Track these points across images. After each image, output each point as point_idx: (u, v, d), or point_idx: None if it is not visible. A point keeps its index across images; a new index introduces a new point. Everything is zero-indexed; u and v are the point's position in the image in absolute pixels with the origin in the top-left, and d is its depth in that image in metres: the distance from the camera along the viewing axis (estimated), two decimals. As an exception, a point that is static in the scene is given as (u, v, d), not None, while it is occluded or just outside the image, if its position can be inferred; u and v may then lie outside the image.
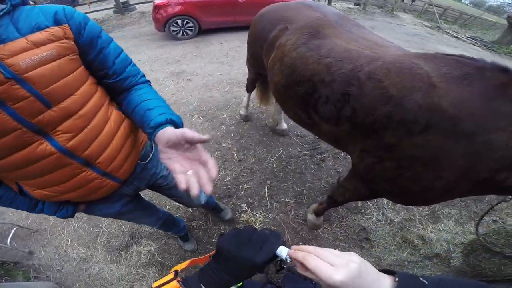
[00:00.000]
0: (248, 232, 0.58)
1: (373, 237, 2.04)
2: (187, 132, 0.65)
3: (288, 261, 0.54)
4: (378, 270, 0.47)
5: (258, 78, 2.43)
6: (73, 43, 0.72)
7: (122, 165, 0.95)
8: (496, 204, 1.19)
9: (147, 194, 2.15)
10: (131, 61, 0.91)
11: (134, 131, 1.00)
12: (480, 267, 1.51)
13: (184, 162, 0.65)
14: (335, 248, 1.75)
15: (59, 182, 0.83)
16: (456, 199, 2.35)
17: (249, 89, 2.70)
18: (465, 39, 9.32)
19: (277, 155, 2.65)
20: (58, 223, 2.13)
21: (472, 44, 8.97)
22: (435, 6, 12.27)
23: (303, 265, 0.47)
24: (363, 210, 2.21)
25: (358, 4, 10.38)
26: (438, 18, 11.47)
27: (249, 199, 2.28)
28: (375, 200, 2.28)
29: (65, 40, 0.70)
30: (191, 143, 0.66)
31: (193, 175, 0.62)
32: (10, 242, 1.95)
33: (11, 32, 0.61)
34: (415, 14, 12.07)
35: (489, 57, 7.63)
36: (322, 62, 1.25)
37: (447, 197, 1.07)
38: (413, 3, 14.53)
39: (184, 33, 5.78)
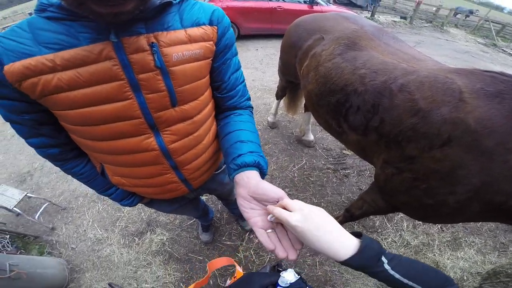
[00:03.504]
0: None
1: (385, 258, 1.92)
2: (286, 200, 0.57)
3: (287, 284, 0.55)
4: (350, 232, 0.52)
5: (288, 86, 2.45)
6: (214, 46, 0.70)
7: (201, 175, 0.95)
8: None
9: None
10: (244, 80, 0.88)
11: None
12: None
13: (265, 217, 0.60)
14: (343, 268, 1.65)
15: (142, 177, 0.82)
16: (484, 228, 2.19)
17: (279, 96, 2.72)
18: (525, 60, 8.44)
19: (299, 165, 2.63)
20: (85, 203, 2.29)
21: (533, 65, 8.09)
22: (492, 22, 11.32)
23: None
24: (380, 230, 2.12)
25: (404, 18, 9.94)
26: (494, 35, 10.56)
27: (266, 205, 2.28)
28: (395, 221, 2.17)
29: (211, 42, 0.68)
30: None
31: (275, 235, 0.57)
32: (38, 217, 2.11)
33: (176, 22, 0.61)
34: (468, 30, 11.26)
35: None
36: (357, 73, 1.26)
37: (460, 216, 1.05)
38: (467, 18, 13.55)
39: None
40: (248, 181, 0.63)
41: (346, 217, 1.71)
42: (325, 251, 0.47)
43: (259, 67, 4.71)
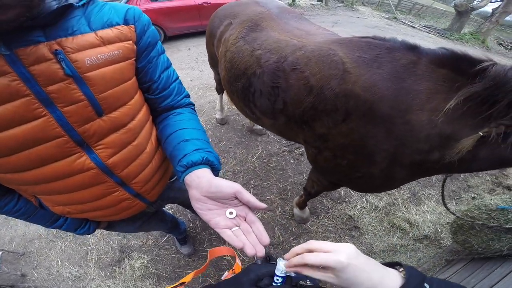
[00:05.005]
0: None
1: (361, 225, 2.12)
2: (244, 193, 0.57)
3: (284, 272, 0.50)
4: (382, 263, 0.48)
5: None
6: (135, 46, 0.67)
7: (154, 187, 0.89)
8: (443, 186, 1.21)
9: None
10: (177, 78, 0.84)
11: None
12: (470, 243, 1.52)
13: (225, 216, 0.58)
14: (325, 240, 1.77)
15: (87, 201, 0.75)
16: (433, 179, 2.49)
17: (219, 90, 2.67)
18: (421, 28, 9.92)
19: (257, 155, 2.68)
20: (44, 245, 2.06)
21: (427, 32, 9.57)
22: (389, -3, 12.94)
23: (304, 267, 0.47)
24: (347, 199, 2.29)
25: (321, 0, 10.70)
26: (394, 9, 12.11)
27: (234, 201, 2.29)
28: (357, 187, 2.36)
29: (130, 42, 0.65)
30: (243, 203, 0.59)
31: (241, 232, 0.56)
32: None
33: (82, 25, 0.56)
34: (373, 7, 12.66)
35: (443, 44, 8.21)
36: (254, 54, 1.25)
37: (395, 182, 1.06)
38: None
39: (149, 41, 5.62)
40: (199, 180, 0.60)
41: (306, 196, 1.78)
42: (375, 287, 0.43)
43: (195, 66, 4.58)
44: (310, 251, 0.47)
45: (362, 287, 0.42)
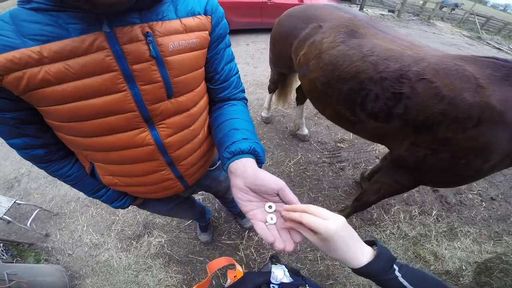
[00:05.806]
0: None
1: (384, 250, 1.96)
2: (287, 192, 0.56)
3: (279, 280, 0.54)
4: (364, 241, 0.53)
5: (281, 78, 2.43)
6: (209, 36, 0.70)
7: (196, 171, 0.93)
8: None
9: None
10: (237, 72, 0.87)
11: None
12: (490, 285, 1.51)
13: (263, 209, 0.57)
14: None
15: (136, 175, 0.80)
16: (478, 217, 2.28)
17: (271, 89, 2.70)
18: (509, 51, 8.68)
19: (295, 160, 2.62)
20: (78, 208, 2.22)
21: (516, 57, 8.32)
22: (476, 15, 11.56)
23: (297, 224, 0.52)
24: (377, 222, 2.14)
25: (392, 11, 10.03)
26: (479, 28, 10.79)
27: (263, 201, 2.28)
28: (392, 213, 2.20)
29: (206, 32, 0.68)
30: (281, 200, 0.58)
31: (275, 227, 0.55)
32: (30, 224, 2.02)
33: (171, 12, 0.60)
34: (454, 23, 11.46)
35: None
36: (367, 60, 1.30)
37: (490, 173, 1.20)
38: (453, 12, 13.80)
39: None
40: (245, 169, 0.59)
41: (357, 207, 1.76)
42: (347, 259, 0.48)
43: (250, 62, 4.66)
44: (307, 212, 0.50)
45: (336, 256, 0.48)
